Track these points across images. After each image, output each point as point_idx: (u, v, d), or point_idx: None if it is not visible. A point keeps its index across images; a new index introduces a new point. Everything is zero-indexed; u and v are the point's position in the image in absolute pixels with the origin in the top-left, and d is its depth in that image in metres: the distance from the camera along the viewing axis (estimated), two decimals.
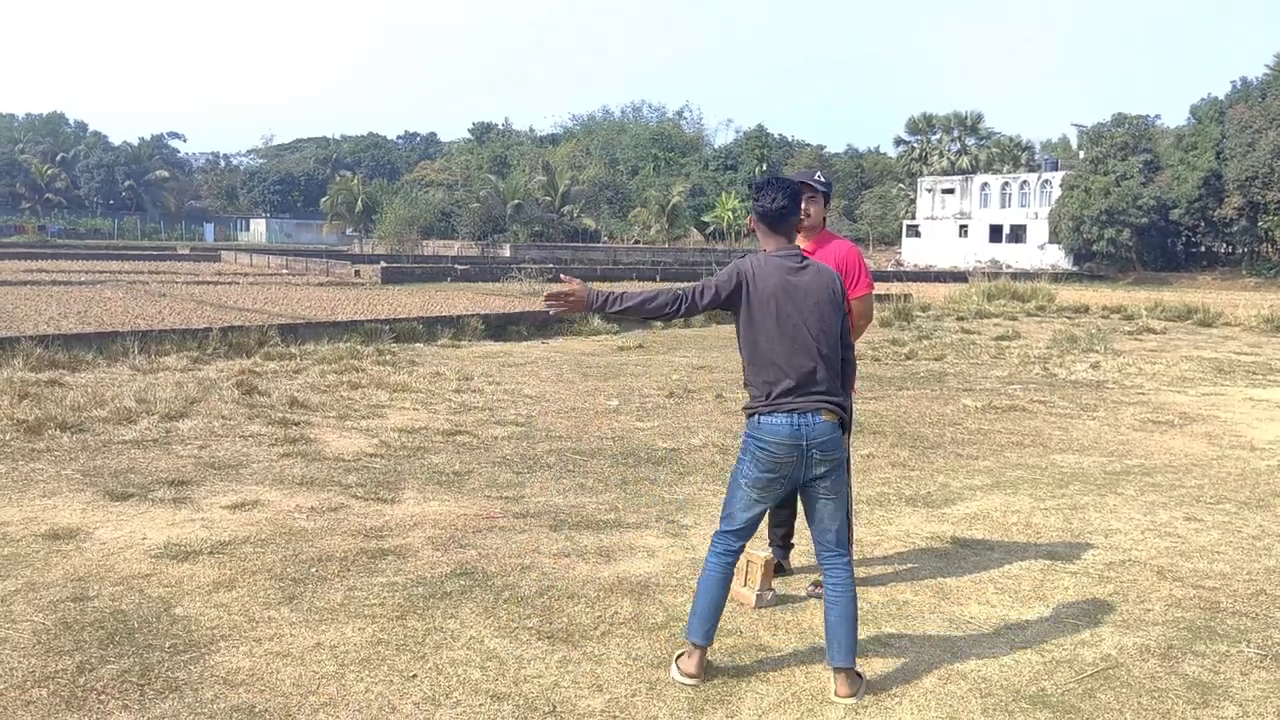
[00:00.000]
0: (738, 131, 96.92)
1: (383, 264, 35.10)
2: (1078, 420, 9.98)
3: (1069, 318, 23.18)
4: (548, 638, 4.32)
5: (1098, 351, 15.68)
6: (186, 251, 52.98)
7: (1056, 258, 58.41)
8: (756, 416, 3.86)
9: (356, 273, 33.64)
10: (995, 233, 65.86)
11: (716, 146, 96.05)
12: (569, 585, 4.96)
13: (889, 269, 55.28)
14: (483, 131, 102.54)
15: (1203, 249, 56.78)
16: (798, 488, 3.94)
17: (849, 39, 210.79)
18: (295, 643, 4.19)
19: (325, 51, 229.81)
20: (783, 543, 5.23)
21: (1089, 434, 9.29)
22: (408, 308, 18.93)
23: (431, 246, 64.31)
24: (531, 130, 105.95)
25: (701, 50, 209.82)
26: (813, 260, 3.99)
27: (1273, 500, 7.00)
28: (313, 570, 5.05)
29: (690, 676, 3.90)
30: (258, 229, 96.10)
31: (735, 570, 5.00)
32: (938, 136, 79.65)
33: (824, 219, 4.98)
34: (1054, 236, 58.43)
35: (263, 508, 6.11)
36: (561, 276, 3.91)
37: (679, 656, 3.99)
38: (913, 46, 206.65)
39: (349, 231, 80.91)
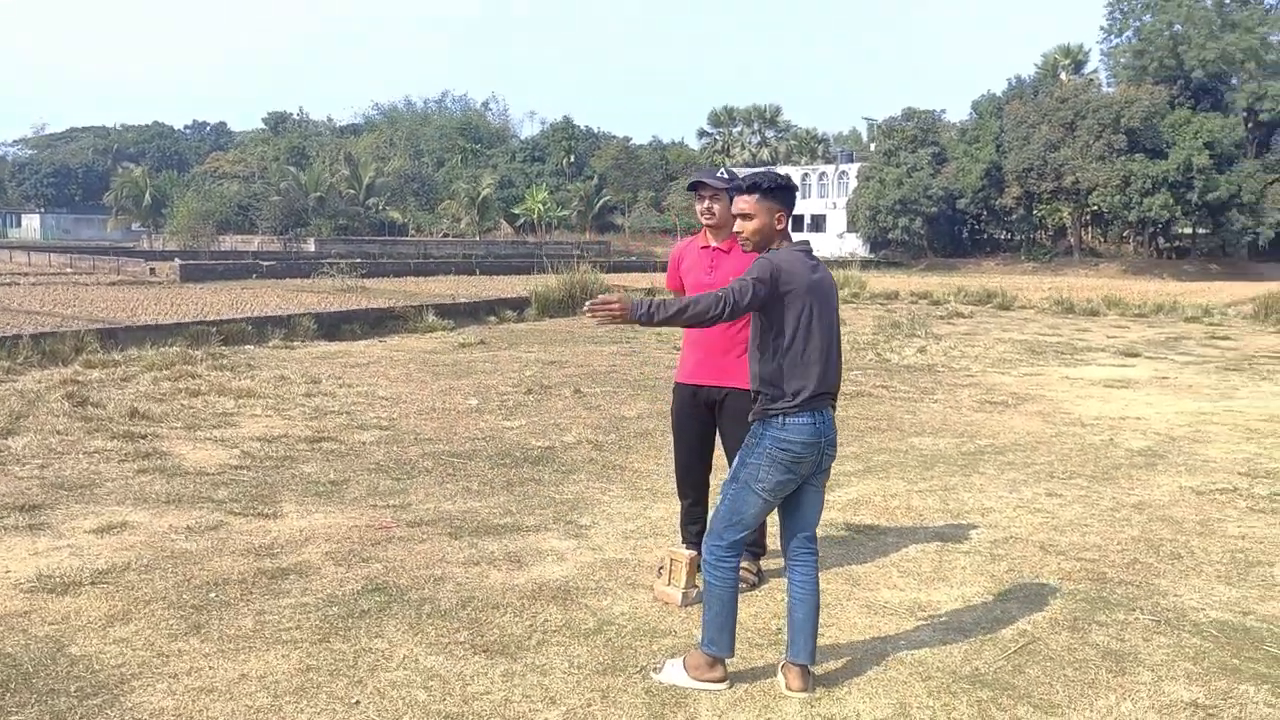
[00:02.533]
0: (543, 123, 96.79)
1: (179, 261, 33.14)
2: (921, 404, 10.47)
3: (882, 304, 24.28)
4: (484, 651, 4.19)
5: (920, 336, 16.49)
6: None
7: (855, 246, 61.13)
8: (781, 418, 3.79)
9: (152, 270, 31.68)
10: (797, 222, 68.23)
11: (523, 138, 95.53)
12: (489, 595, 4.82)
13: None
14: (278, 121, 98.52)
15: (986, 236, 60.70)
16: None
17: (647, 30, 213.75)
18: (217, 676, 3.91)
19: (103, 33, 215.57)
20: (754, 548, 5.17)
21: (936, 416, 9.76)
22: (217, 307, 17.99)
23: (229, 241, 61.43)
24: (330, 120, 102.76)
25: (506, 42, 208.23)
26: (817, 258, 4.00)
27: (1114, 473, 7.54)
28: (211, 595, 4.73)
29: (721, 681, 3.89)
30: (30, 225, 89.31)
31: (659, 570, 5.05)
32: (739, 129, 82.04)
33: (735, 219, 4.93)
34: (852, 225, 61.23)
35: (133, 530, 5.67)
36: (602, 297, 3.69)
37: (698, 666, 3.89)
38: (713, 39, 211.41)
39: (136, 226, 76.42)
